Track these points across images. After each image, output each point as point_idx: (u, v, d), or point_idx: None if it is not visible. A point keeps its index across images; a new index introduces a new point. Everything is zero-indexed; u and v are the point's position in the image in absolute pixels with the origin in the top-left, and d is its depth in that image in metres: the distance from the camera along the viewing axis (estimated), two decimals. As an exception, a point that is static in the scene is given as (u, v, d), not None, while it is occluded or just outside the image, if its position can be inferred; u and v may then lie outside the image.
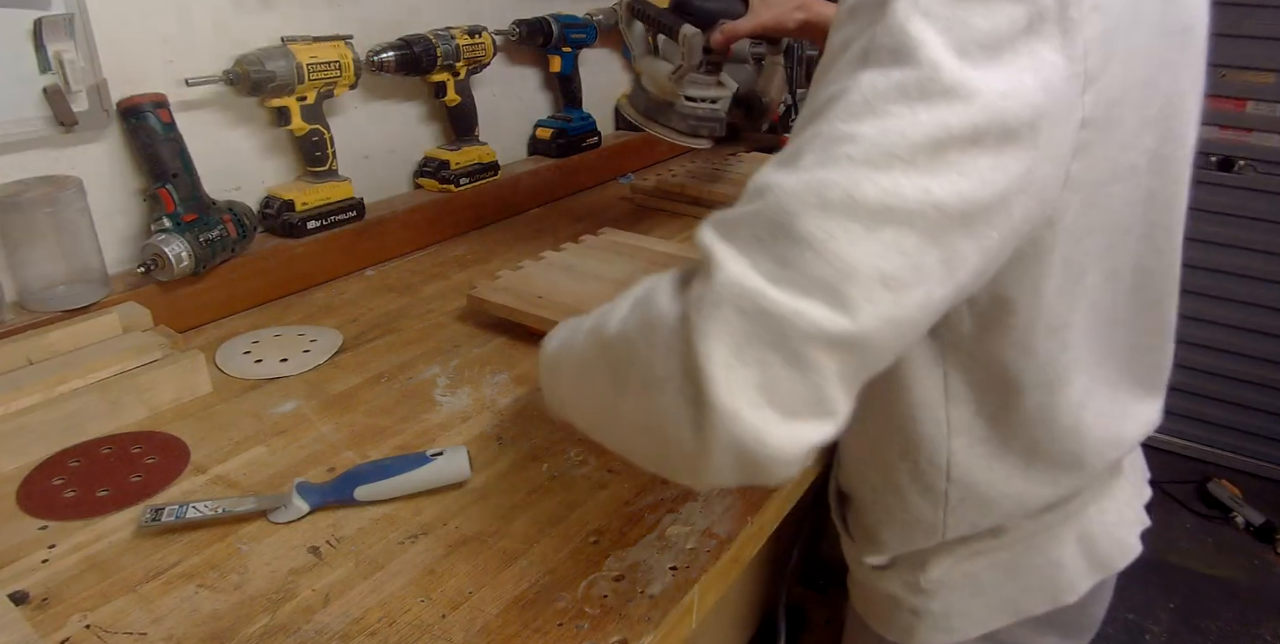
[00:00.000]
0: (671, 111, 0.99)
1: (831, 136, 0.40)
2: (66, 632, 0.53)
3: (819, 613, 1.23)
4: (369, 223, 1.12)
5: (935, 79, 0.40)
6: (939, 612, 0.67)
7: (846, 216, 0.38)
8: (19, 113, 0.81)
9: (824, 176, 0.39)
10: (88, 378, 0.75)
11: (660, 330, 0.41)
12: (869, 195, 0.38)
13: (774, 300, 0.37)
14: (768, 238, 0.39)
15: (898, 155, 0.39)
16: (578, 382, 0.51)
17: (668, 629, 0.54)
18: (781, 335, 0.37)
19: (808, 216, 0.38)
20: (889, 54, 0.41)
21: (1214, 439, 2.24)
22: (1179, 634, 1.79)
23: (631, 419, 0.44)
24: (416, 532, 0.62)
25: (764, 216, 0.39)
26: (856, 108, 0.40)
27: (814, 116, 0.42)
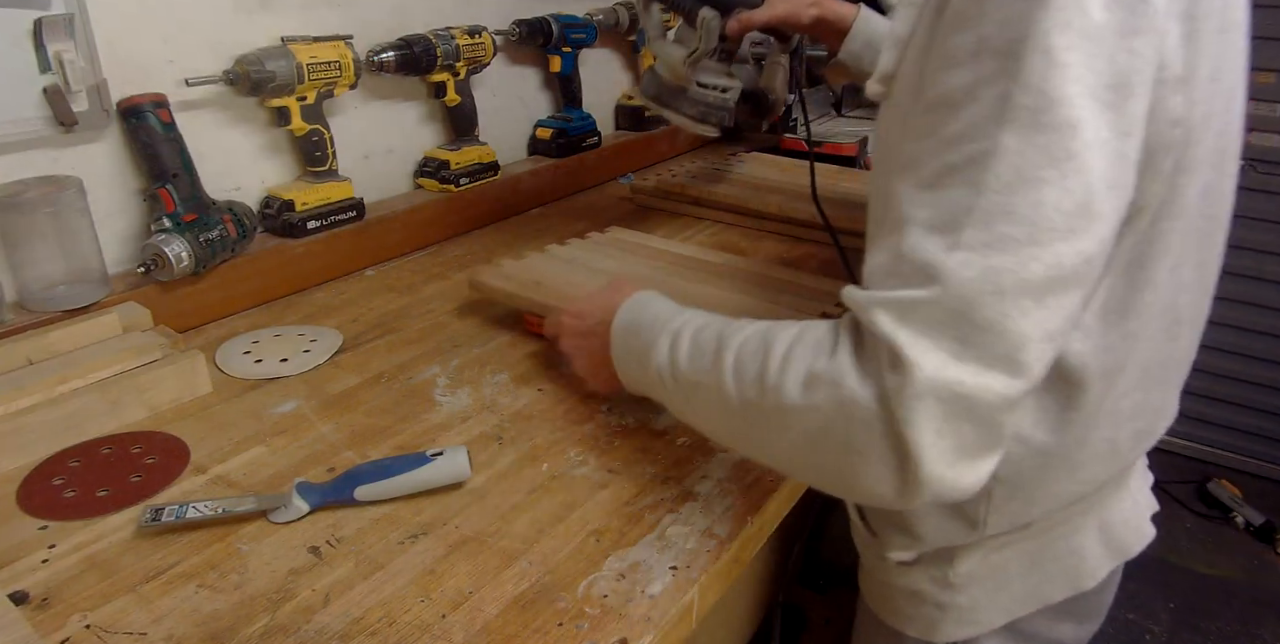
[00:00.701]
0: (683, 97, 1.00)
1: (989, 211, 0.43)
2: (66, 632, 0.53)
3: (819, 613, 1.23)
4: (369, 223, 1.12)
5: (1077, 138, 0.43)
6: (965, 605, 0.67)
7: (1020, 296, 0.43)
8: (19, 113, 0.81)
9: (994, 263, 0.43)
10: (88, 378, 0.75)
11: (859, 412, 0.46)
12: (1037, 274, 0.43)
13: (965, 384, 0.43)
14: (949, 323, 0.44)
15: (1056, 228, 0.43)
16: (731, 419, 0.56)
17: (668, 629, 0.54)
18: (972, 409, 0.44)
19: (985, 305, 0.43)
20: (1029, 114, 0.43)
21: (1214, 439, 2.24)
22: (1179, 634, 1.79)
23: (808, 461, 0.51)
24: (416, 532, 0.62)
25: (943, 306, 0.44)
26: (1008, 177, 0.43)
27: (951, 173, 0.45)
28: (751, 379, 0.52)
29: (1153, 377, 0.62)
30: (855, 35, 0.94)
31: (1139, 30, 0.43)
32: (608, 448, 0.72)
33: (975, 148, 0.44)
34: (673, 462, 0.70)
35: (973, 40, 0.45)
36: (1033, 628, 0.70)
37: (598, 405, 0.79)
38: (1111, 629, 1.79)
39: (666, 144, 1.66)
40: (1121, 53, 0.43)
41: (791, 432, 0.50)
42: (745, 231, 1.25)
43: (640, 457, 0.71)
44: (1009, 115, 0.43)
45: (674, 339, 0.61)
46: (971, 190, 0.44)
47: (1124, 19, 0.43)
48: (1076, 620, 0.72)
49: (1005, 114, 0.43)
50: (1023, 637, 0.70)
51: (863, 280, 0.50)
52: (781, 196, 1.26)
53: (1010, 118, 0.43)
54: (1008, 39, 0.43)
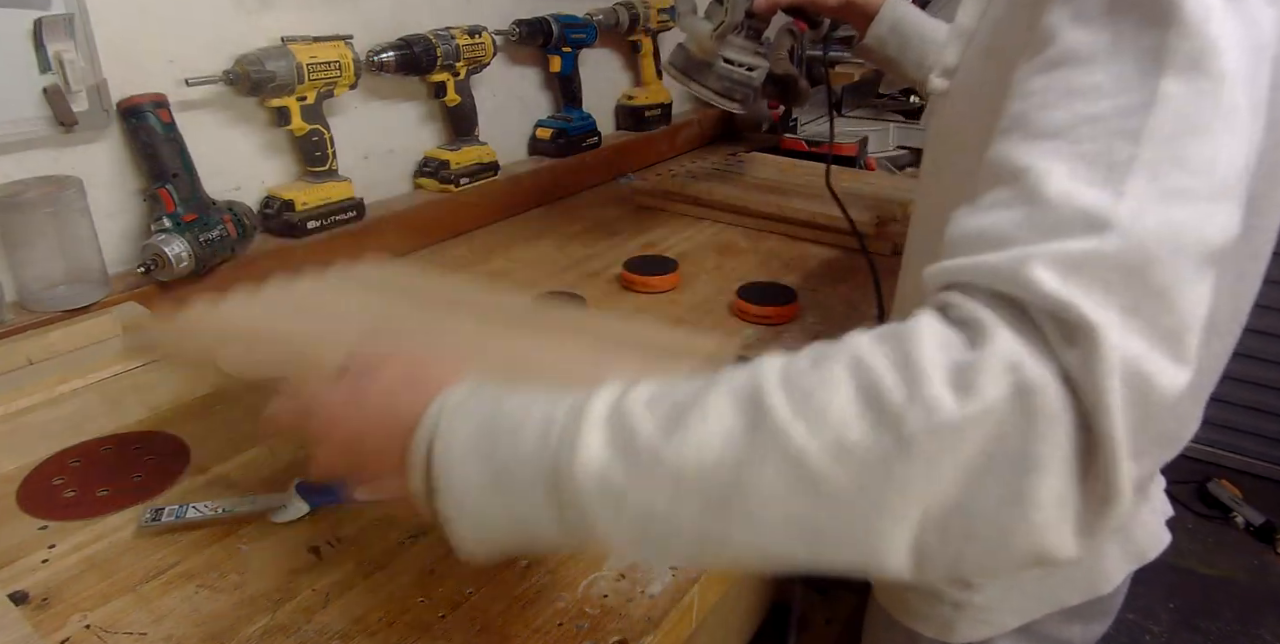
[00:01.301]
0: (709, 71, 1.01)
1: (1156, 160, 0.36)
2: (66, 632, 0.53)
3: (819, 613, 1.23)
4: (369, 223, 1.12)
5: (1236, 90, 0.37)
6: (981, 605, 0.67)
7: (1198, 260, 0.35)
8: (19, 113, 0.81)
9: (1174, 215, 0.35)
10: (88, 378, 0.75)
11: (1043, 402, 0.33)
12: (1214, 236, 0.36)
13: (1144, 359, 0.33)
14: (1120, 283, 0.34)
15: (1230, 185, 0.37)
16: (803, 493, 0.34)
17: (668, 629, 0.54)
18: (1150, 397, 0.33)
19: (1164, 263, 0.34)
20: (1188, 59, 0.37)
21: (1214, 439, 2.24)
22: (1179, 634, 1.79)
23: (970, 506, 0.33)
24: (416, 532, 0.62)
25: (1118, 260, 0.34)
26: (1173, 125, 0.37)
27: (1091, 123, 0.38)
28: (852, 411, 0.34)
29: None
30: (882, 19, 0.94)
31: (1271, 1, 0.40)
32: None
33: (1125, 100, 0.38)
34: (673, 462, 0.70)
35: None
36: (1044, 629, 0.70)
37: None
38: (1111, 629, 1.79)
39: (666, 144, 1.66)
40: (1254, 22, 0.39)
41: (954, 459, 0.33)
42: (745, 231, 1.25)
43: (640, 457, 0.71)
44: (1167, 61, 0.37)
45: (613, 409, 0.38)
46: (1128, 140, 0.37)
47: None
48: (1086, 621, 0.72)
49: (1163, 60, 0.37)
50: (1035, 638, 0.70)
51: (951, 247, 0.40)
52: (781, 196, 1.26)
53: (1169, 63, 0.37)
54: None
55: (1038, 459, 0.32)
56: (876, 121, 1.70)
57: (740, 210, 1.27)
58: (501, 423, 0.39)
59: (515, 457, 0.38)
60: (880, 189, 1.32)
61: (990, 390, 0.33)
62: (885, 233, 1.16)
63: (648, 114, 1.60)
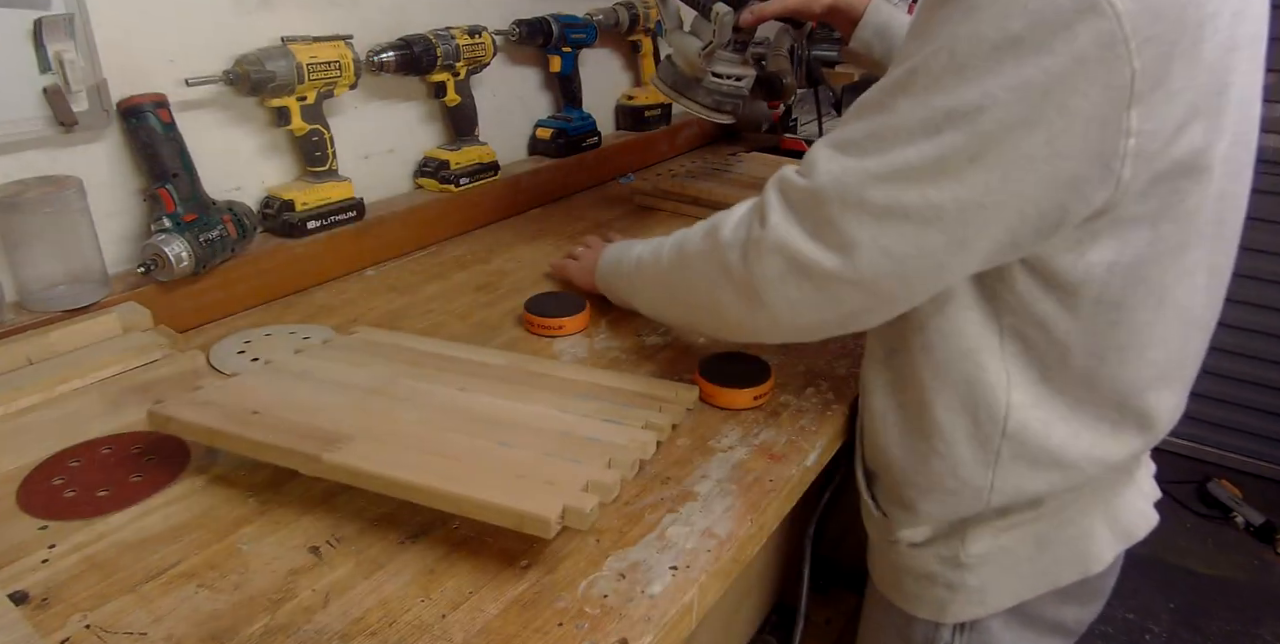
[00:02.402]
0: (698, 87, 1.02)
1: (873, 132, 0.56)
2: (66, 632, 0.53)
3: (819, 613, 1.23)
4: (369, 223, 1.12)
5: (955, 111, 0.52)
6: (975, 585, 0.68)
7: (859, 206, 0.56)
8: (19, 113, 0.81)
9: (845, 164, 0.56)
10: (88, 378, 0.75)
11: (728, 254, 0.64)
12: (875, 197, 0.55)
13: (803, 251, 0.58)
14: (807, 209, 0.59)
15: (904, 174, 0.54)
16: (658, 282, 0.77)
17: (668, 629, 0.54)
18: (807, 271, 0.59)
19: (834, 201, 0.57)
20: (929, 80, 0.53)
21: (1214, 439, 2.24)
22: (1179, 634, 1.79)
23: (695, 302, 0.70)
24: (416, 532, 0.62)
25: (808, 193, 0.58)
26: (887, 132, 0.55)
27: (871, 110, 0.57)
28: (674, 244, 0.73)
29: (1165, 376, 0.63)
30: (866, 23, 0.94)
31: None
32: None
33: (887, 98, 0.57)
34: (673, 461, 0.70)
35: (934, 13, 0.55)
36: (1037, 610, 0.71)
37: (598, 405, 0.79)
38: (1111, 629, 1.79)
39: (666, 144, 1.66)
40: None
41: (677, 273, 0.72)
42: (745, 231, 1.25)
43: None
44: (915, 81, 0.54)
45: (642, 253, 0.81)
46: (882, 116, 0.56)
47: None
48: (1080, 603, 0.73)
49: (913, 78, 0.55)
50: (1028, 619, 0.71)
51: None
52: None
53: (912, 86, 0.55)
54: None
55: (723, 282, 0.66)
56: (876, 121, 1.70)
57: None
58: (620, 257, 0.87)
59: (616, 266, 0.88)
60: (880, 189, 1.32)
61: (706, 241, 0.68)
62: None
63: (648, 114, 1.60)
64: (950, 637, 0.72)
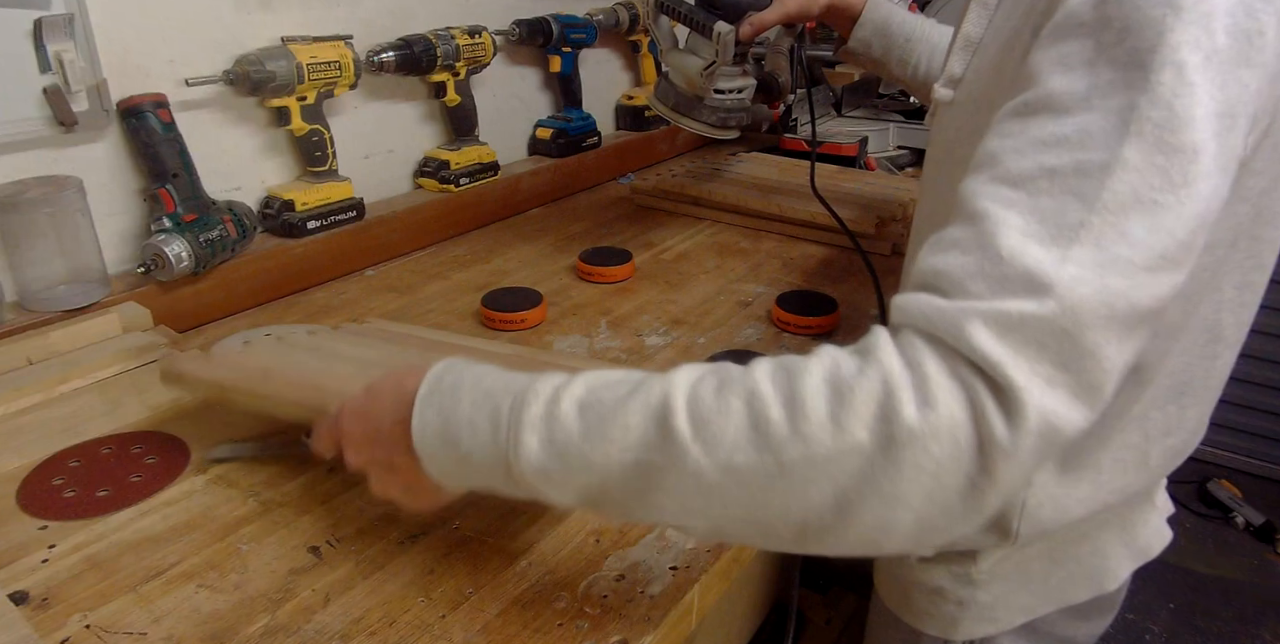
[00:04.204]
0: (701, 106, 1.00)
1: (1103, 230, 0.40)
2: (66, 632, 0.53)
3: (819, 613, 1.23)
4: (369, 223, 1.12)
5: (1197, 163, 0.40)
6: (986, 602, 0.67)
7: (1125, 325, 0.39)
8: (19, 113, 0.81)
9: (1110, 285, 0.39)
10: (88, 378, 0.75)
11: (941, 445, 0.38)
12: (1143, 303, 0.40)
13: (1059, 416, 0.38)
14: (1052, 344, 0.39)
15: (1168, 257, 0.40)
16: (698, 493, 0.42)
17: (668, 629, 0.54)
18: (1055, 443, 0.39)
19: (1096, 329, 0.39)
20: (1155, 130, 0.40)
21: (1214, 439, 2.24)
22: (1179, 634, 1.79)
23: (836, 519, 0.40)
24: (416, 532, 0.62)
25: (1052, 324, 0.38)
26: (1124, 196, 0.40)
27: (1050, 177, 0.41)
28: (735, 438, 0.40)
29: (1190, 394, 0.62)
30: (864, 22, 0.94)
31: (1251, 62, 0.42)
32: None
33: (1086, 157, 0.41)
34: (673, 462, 0.70)
35: (1089, 46, 0.42)
36: (1048, 627, 0.70)
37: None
38: (1111, 629, 1.79)
39: (666, 144, 1.66)
40: (1233, 82, 0.41)
41: (816, 487, 0.40)
42: (745, 232, 1.25)
43: (640, 457, 0.71)
44: (1133, 128, 0.40)
45: (548, 410, 0.44)
46: (1081, 203, 0.40)
47: (1241, 49, 0.41)
48: (1089, 618, 0.72)
49: (1128, 125, 0.40)
50: (1038, 635, 0.70)
51: (921, 278, 0.43)
52: (781, 196, 1.26)
53: (1135, 131, 0.40)
54: (1134, 47, 0.41)
55: (908, 495, 0.38)
56: (876, 121, 1.70)
57: (740, 210, 1.27)
58: (461, 421, 0.46)
59: (476, 449, 0.46)
60: (880, 189, 1.32)
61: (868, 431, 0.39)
62: (885, 233, 1.16)
63: (648, 114, 1.60)
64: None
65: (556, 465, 0.44)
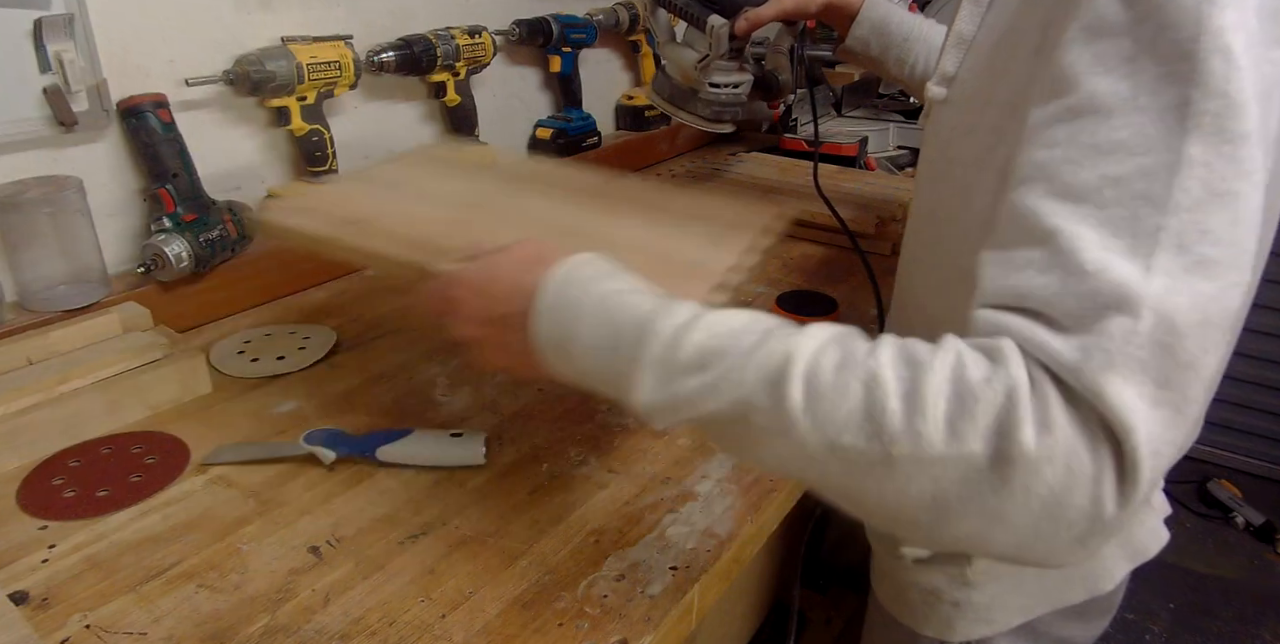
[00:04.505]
0: (696, 99, 1.00)
1: (1183, 231, 0.38)
2: (66, 632, 0.53)
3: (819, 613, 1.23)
4: (369, 223, 1.12)
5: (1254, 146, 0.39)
6: (982, 603, 0.67)
7: (1219, 329, 0.38)
8: (19, 113, 0.81)
9: (1201, 289, 0.38)
10: (88, 378, 0.75)
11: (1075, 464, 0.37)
12: (1235, 302, 0.38)
13: (1163, 440, 0.37)
14: (1153, 362, 0.37)
15: (1249, 249, 0.39)
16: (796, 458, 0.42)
17: (668, 629, 0.54)
18: (1161, 467, 0.38)
19: (1192, 337, 0.37)
20: (1214, 121, 0.39)
21: (1214, 439, 2.24)
22: (1179, 634, 1.79)
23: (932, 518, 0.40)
24: (416, 532, 0.62)
25: (1151, 339, 0.37)
26: (1198, 192, 0.38)
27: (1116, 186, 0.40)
28: (846, 420, 0.40)
29: None
30: (862, 21, 0.94)
31: (1278, 41, 0.41)
32: (608, 448, 0.72)
33: (1148, 160, 0.39)
34: (673, 461, 0.70)
35: (1127, 45, 0.41)
36: (1045, 628, 0.70)
37: (598, 405, 0.79)
38: (1111, 629, 1.79)
39: (666, 144, 1.66)
40: (1266, 63, 0.40)
41: (917, 484, 0.39)
42: (745, 231, 1.25)
43: (640, 457, 0.71)
44: (1190, 122, 0.39)
45: (667, 352, 0.44)
46: (1153, 208, 0.39)
47: (1270, 29, 0.40)
48: (1086, 619, 0.72)
49: (1186, 120, 0.39)
50: (1035, 636, 0.70)
51: (1001, 301, 0.42)
52: (781, 196, 1.26)
53: (1193, 125, 0.39)
54: (1176, 39, 0.39)
55: (1010, 515, 0.38)
56: (876, 121, 1.70)
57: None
58: (580, 341, 0.47)
59: (592, 371, 0.48)
60: (880, 189, 1.32)
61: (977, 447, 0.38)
62: (885, 233, 1.16)
63: (648, 114, 1.60)
64: None
65: (666, 405, 0.44)
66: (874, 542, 0.75)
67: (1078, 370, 0.37)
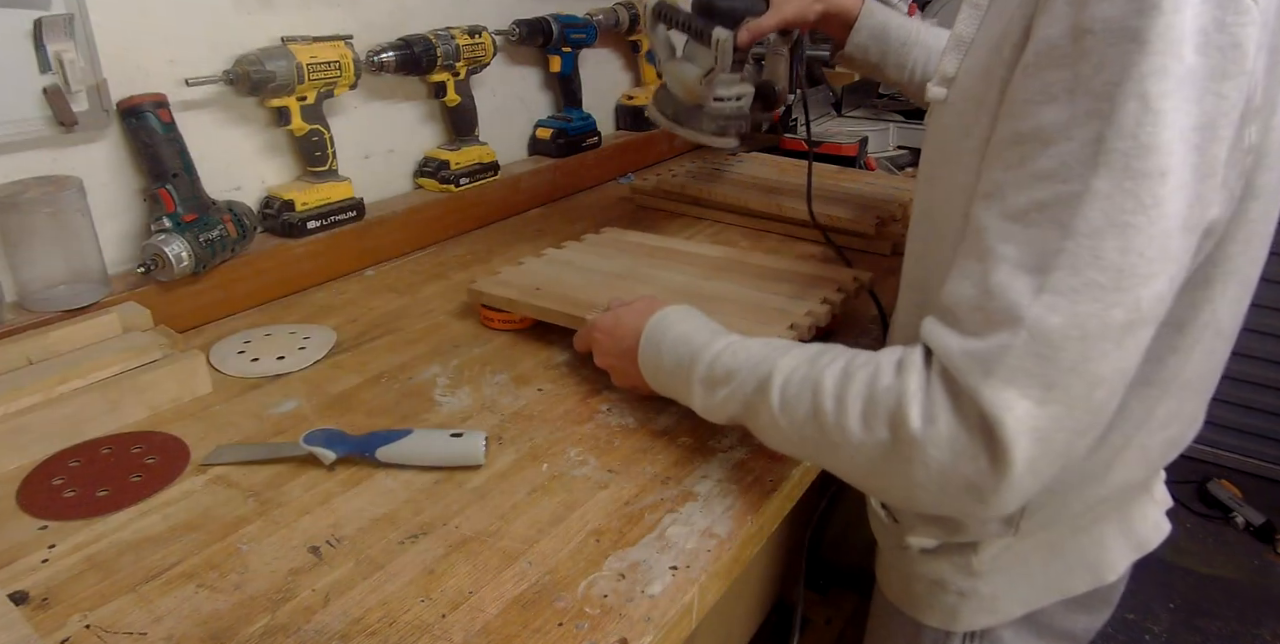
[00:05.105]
0: (701, 114, 0.99)
1: (1078, 255, 0.44)
2: (66, 632, 0.53)
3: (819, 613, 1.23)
4: (369, 223, 1.12)
5: (1165, 184, 0.43)
6: (987, 593, 0.68)
7: (1101, 340, 0.45)
8: (19, 113, 0.81)
9: (1081, 309, 0.44)
10: (88, 378, 0.75)
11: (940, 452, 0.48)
12: (1118, 319, 0.45)
13: (1047, 430, 0.46)
14: (1035, 369, 0.45)
15: (1138, 273, 0.44)
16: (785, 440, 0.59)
17: (668, 629, 0.54)
18: (1052, 449, 0.47)
19: (1069, 349, 0.45)
20: (1122, 159, 0.43)
21: (1214, 439, 2.24)
22: (1179, 634, 1.79)
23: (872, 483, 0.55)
24: (416, 532, 0.62)
25: (1028, 351, 0.45)
26: (1097, 222, 0.44)
27: (1040, 209, 0.46)
28: (804, 417, 0.55)
29: (1191, 387, 0.62)
30: (860, 27, 0.94)
31: (1229, 74, 0.43)
32: (608, 448, 0.72)
33: (1066, 188, 0.45)
34: (673, 462, 0.70)
35: (1068, 77, 0.45)
36: (1048, 619, 0.71)
37: (598, 405, 0.79)
38: (1111, 629, 1.79)
39: (666, 144, 1.66)
40: (1210, 96, 0.43)
41: (852, 460, 0.54)
42: (745, 231, 1.25)
43: (640, 457, 0.71)
44: (1101, 158, 0.43)
45: (708, 372, 0.64)
46: (1060, 231, 0.45)
47: (1216, 63, 0.43)
48: (1090, 612, 0.73)
49: (1098, 157, 0.44)
50: (1038, 627, 0.71)
51: (942, 303, 0.51)
52: (781, 196, 1.26)
53: (1103, 161, 0.43)
54: (1104, 81, 0.43)
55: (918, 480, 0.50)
56: (876, 121, 1.70)
57: (740, 210, 1.27)
58: (660, 349, 0.68)
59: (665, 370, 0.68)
60: (880, 189, 1.32)
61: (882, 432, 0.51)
62: (885, 232, 1.16)
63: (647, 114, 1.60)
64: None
65: (709, 409, 0.65)
66: (878, 534, 0.75)
67: (964, 371, 0.47)
